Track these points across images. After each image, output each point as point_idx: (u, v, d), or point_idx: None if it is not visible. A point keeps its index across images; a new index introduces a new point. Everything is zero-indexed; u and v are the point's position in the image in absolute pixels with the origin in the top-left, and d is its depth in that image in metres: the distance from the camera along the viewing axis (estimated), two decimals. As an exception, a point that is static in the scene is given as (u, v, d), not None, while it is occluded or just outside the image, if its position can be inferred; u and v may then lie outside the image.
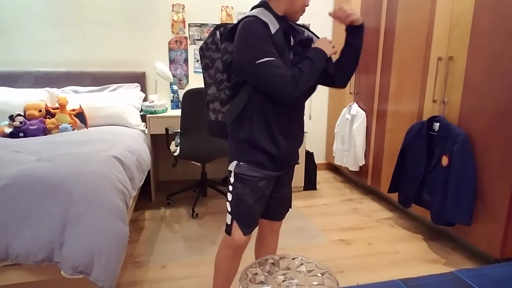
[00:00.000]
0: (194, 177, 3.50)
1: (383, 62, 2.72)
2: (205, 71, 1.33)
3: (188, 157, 2.59)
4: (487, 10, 1.81)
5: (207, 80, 1.33)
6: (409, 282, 0.92)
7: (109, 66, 3.14)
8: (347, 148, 3.16)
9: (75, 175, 1.54)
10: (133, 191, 1.96)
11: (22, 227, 1.40)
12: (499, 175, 1.78)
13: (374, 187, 2.94)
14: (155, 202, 2.91)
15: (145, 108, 2.90)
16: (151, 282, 1.81)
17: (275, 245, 1.56)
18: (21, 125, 2.30)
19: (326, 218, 2.61)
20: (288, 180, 1.43)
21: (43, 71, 2.94)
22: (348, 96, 3.28)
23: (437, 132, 2.09)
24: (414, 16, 2.36)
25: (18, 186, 1.44)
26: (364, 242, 2.25)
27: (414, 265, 1.98)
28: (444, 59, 2.10)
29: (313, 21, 3.53)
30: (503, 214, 1.77)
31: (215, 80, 1.32)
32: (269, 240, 1.53)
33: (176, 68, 3.29)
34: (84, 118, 2.61)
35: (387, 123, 2.71)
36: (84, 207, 1.46)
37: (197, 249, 2.14)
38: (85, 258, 1.38)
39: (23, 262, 1.40)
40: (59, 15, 2.97)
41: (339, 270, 1.93)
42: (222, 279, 1.40)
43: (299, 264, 0.76)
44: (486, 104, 1.84)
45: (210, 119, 1.39)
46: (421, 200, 2.24)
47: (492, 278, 0.95)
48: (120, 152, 1.97)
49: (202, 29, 3.27)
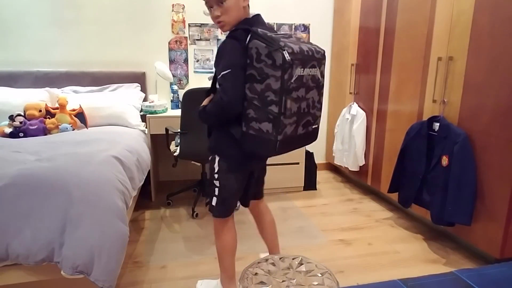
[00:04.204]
0: (194, 177, 3.50)
1: (383, 62, 2.72)
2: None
3: (188, 157, 2.59)
4: (487, 10, 1.81)
5: None
6: (409, 282, 0.93)
7: (109, 66, 3.14)
8: (347, 148, 3.16)
9: (75, 175, 1.54)
10: (133, 191, 1.96)
11: (22, 227, 1.40)
12: (499, 175, 1.78)
13: (374, 187, 2.94)
14: (155, 202, 2.91)
15: (145, 108, 2.90)
16: (151, 282, 1.81)
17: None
18: (21, 125, 2.30)
19: (326, 218, 2.61)
20: None
21: (43, 71, 2.94)
22: (348, 96, 3.28)
23: (437, 132, 2.08)
24: (414, 16, 2.36)
25: (18, 186, 1.44)
26: (364, 242, 2.25)
27: (414, 265, 1.98)
28: (444, 59, 2.10)
29: (313, 21, 3.53)
30: (503, 214, 1.77)
31: None
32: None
33: (176, 68, 3.29)
34: (84, 118, 2.61)
35: (387, 123, 2.70)
36: (84, 207, 1.46)
37: (197, 249, 2.14)
38: (85, 258, 1.38)
39: (23, 262, 1.40)
40: (59, 15, 2.97)
41: (339, 270, 1.93)
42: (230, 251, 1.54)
43: (299, 264, 0.76)
44: (486, 104, 1.84)
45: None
46: (421, 200, 2.24)
47: (492, 278, 0.95)
48: (120, 152, 1.97)
49: (202, 29, 3.27)
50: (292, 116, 1.25)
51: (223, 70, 1.26)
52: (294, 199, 2.99)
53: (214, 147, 1.46)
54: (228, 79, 1.26)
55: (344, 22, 3.33)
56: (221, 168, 1.43)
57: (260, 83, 1.21)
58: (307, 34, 3.54)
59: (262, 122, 1.23)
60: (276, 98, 1.19)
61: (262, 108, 1.22)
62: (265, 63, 1.19)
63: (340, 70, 3.44)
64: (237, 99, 1.26)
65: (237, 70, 1.25)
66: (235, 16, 1.34)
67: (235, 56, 1.25)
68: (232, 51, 1.27)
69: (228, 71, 1.25)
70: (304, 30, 3.52)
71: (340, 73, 3.46)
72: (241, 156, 1.39)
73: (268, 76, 1.19)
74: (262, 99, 1.21)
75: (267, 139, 1.24)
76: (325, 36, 3.61)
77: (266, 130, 1.23)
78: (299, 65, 1.22)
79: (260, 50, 1.19)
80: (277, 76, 1.17)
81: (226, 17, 1.34)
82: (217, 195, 1.46)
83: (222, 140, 1.42)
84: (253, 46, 1.21)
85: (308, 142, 1.43)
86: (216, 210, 1.48)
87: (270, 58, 1.17)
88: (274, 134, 1.22)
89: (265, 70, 1.19)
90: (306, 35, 3.54)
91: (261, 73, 1.20)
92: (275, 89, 1.19)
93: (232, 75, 1.25)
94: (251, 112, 1.25)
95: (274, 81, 1.18)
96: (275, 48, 1.16)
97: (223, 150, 1.43)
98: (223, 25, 1.37)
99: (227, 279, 1.57)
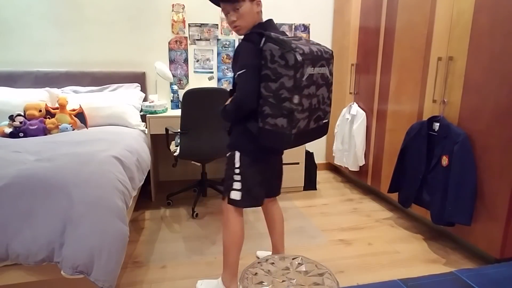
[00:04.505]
0: (194, 177, 3.50)
1: (383, 62, 2.72)
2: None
3: (188, 157, 2.59)
4: (487, 10, 1.81)
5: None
6: (409, 282, 0.93)
7: (109, 66, 3.14)
8: (347, 148, 3.16)
9: (75, 175, 1.54)
10: (133, 191, 1.96)
11: (22, 227, 1.40)
12: (499, 175, 1.78)
13: (374, 187, 2.94)
14: (155, 202, 2.91)
15: (145, 108, 2.90)
16: (151, 282, 1.81)
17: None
18: (21, 125, 2.30)
19: (326, 218, 2.61)
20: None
21: (43, 71, 2.94)
22: (348, 96, 3.28)
23: (437, 132, 2.09)
24: (414, 16, 2.36)
25: (18, 186, 1.44)
26: (364, 242, 2.25)
27: (414, 265, 1.98)
28: (444, 59, 2.10)
29: (313, 21, 3.53)
30: (503, 214, 1.77)
31: None
32: None
33: (176, 68, 3.29)
34: (84, 118, 2.61)
35: (387, 123, 2.70)
36: (84, 207, 1.46)
37: (197, 249, 2.14)
38: (85, 258, 1.38)
39: (23, 262, 1.40)
40: (59, 15, 2.97)
41: (339, 270, 1.93)
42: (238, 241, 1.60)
43: (299, 264, 0.76)
44: (486, 104, 1.84)
45: None
46: (421, 200, 2.24)
47: (492, 278, 0.95)
48: (120, 152, 1.97)
49: (202, 29, 3.27)
50: (305, 112, 1.36)
51: (239, 70, 1.39)
52: (294, 199, 2.99)
53: (234, 143, 1.56)
54: (242, 78, 1.39)
55: (344, 22, 3.34)
56: (242, 162, 1.53)
57: (275, 82, 1.32)
58: (307, 34, 3.54)
59: (277, 117, 1.34)
60: (289, 95, 1.30)
61: (277, 105, 1.33)
62: (279, 63, 1.29)
63: (340, 70, 3.44)
64: (249, 96, 1.38)
65: (250, 70, 1.36)
66: (249, 20, 1.46)
67: (250, 57, 1.37)
68: (247, 53, 1.39)
69: (243, 71, 1.38)
70: (304, 30, 3.52)
71: (340, 73, 3.46)
72: (258, 149, 1.51)
73: (282, 75, 1.30)
74: (277, 96, 1.32)
75: (282, 133, 1.34)
76: (325, 36, 3.61)
77: (281, 125, 1.33)
78: (310, 65, 1.32)
79: (274, 52, 1.30)
80: (290, 75, 1.28)
81: (242, 22, 1.46)
82: (240, 188, 1.54)
83: (241, 136, 1.52)
84: (267, 48, 1.32)
85: (320, 136, 1.54)
86: (242, 201, 1.55)
87: (283, 59, 1.28)
88: (289, 128, 1.33)
89: (278, 70, 1.30)
90: (306, 35, 3.54)
91: (275, 73, 1.31)
92: (289, 87, 1.30)
93: (246, 75, 1.37)
94: (267, 109, 1.36)
95: (288, 80, 1.29)
96: (287, 50, 1.27)
97: (242, 145, 1.53)
98: (239, 29, 1.48)
99: (229, 276, 1.60)
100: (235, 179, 1.54)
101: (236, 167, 1.53)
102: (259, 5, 1.49)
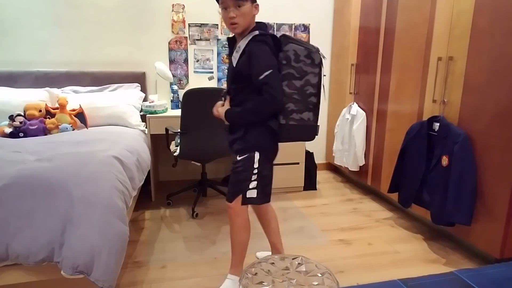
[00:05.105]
0: (194, 177, 3.50)
1: (383, 62, 2.72)
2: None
3: (188, 157, 2.59)
4: (487, 10, 1.81)
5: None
6: (409, 282, 0.93)
7: (109, 66, 3.14)
8: (347, 148, 3.16)
9: (75, 175, 1.54)
10: (133, 191, 1.96)
11: (22, 227, 1.40)
12: (499, 175, 1.78)
13: (374, 187, 2.94)
14: (155, 202, 2.91)
15: (145, 108, 2.90)
16: (151, 282, 1.81)
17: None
18: (21, 125, 2.30)
19: (326, 218, 2.61)
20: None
21: (43, 71, 2.94)
22: (348, 96, 3.28)
23: (437, 132, 2.08)
24: (414, 16, 2.36)
25: (18, 186, 1.44)
26: (364, 242, 2.25)
27: (414, 265, 1.98)
28: (444, 59, 2.10)
29: (313, 21, 3.53)
30: (503, 214, 1.77)
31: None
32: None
33: (176, 68, 3.29)
34: (84, 118, 2.61)
35: (387, 123, 2.70)
36: (84, 207, 1.46)
37: (197, 249, 2.14)
38: (85, 258, 1.38)
39: (23, 262, 1.40)
40: (59, 15, 2.97)
41: (339, 270, 1.93)
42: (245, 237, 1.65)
43: (299, 264, 0.76)
44: (486, 104, 1.84)
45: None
46: (421, 200, 2.24)
47: (492, 278, 0.95)
48: (120, 152, 1.97)
49: (202, 29, 3.27)
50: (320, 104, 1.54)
51: (266, 70, 1.41)
52: (294, 199, 2.99)
53: (254, 144, 1.54)
54: (273, 78, 1.42)
55: (344, 22, 3.33)
56: (261, 162, 1.55)
57: (299, 80, 1.45)
58: (307, 34, 3.54)
59: (303, 112, 1.47)
60: (315, 91, 1.47)
61: (302, 100, 1.46)
62: (304, 62, 1.43)
63: (340, 70, 3.44)
64: (281, 94, 1.45)
65: (275, 70, 1.43)
66: (248, 21, 1.49)
67: (271, 58, 1.44)
68: (268, 54, 1.44)
69: (270, 72, 1.41)
70: (304, 30, 3.52)
71: (340, 73, 3.46)
72: (273, 146, 1.59)
73: (307, 73, 1.44)
74: (302, 93, 1.45)
75: (310, 125, 1.49)
76: (325, 36, 3.61)
77: (308, 118, 1.48)
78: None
79: (299, 52, 1.43)
80: (315, 72, 1.45)
81: (241, 20, 1.47)
82: (256, 186, 1.56)
83: (261, 136, 1.54)
84: (289, 49, 1.44)
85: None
86: (258, 199, 1.59)
87: (309, 58, 1.43)
88: (315, 120, 1.51)
89: (304, 68, 1.44)
90: (306, 35, 3.54)
91: (300, 71, 1.44)
92: (314, 83, 1.46)
93: (274, 75, 1.43)
94: (291, 106, 1.45)
95: (313, 77, 1.45)
96: (314, 50, 1.45)
97: (262, 144, 1.55)
98: (236, 27, 1.48)
99: (240, 265, 1.68)
100: (253, 179, 1.55)
101: (255, 167, 1.54)
102: (257, 10, 1.52)
